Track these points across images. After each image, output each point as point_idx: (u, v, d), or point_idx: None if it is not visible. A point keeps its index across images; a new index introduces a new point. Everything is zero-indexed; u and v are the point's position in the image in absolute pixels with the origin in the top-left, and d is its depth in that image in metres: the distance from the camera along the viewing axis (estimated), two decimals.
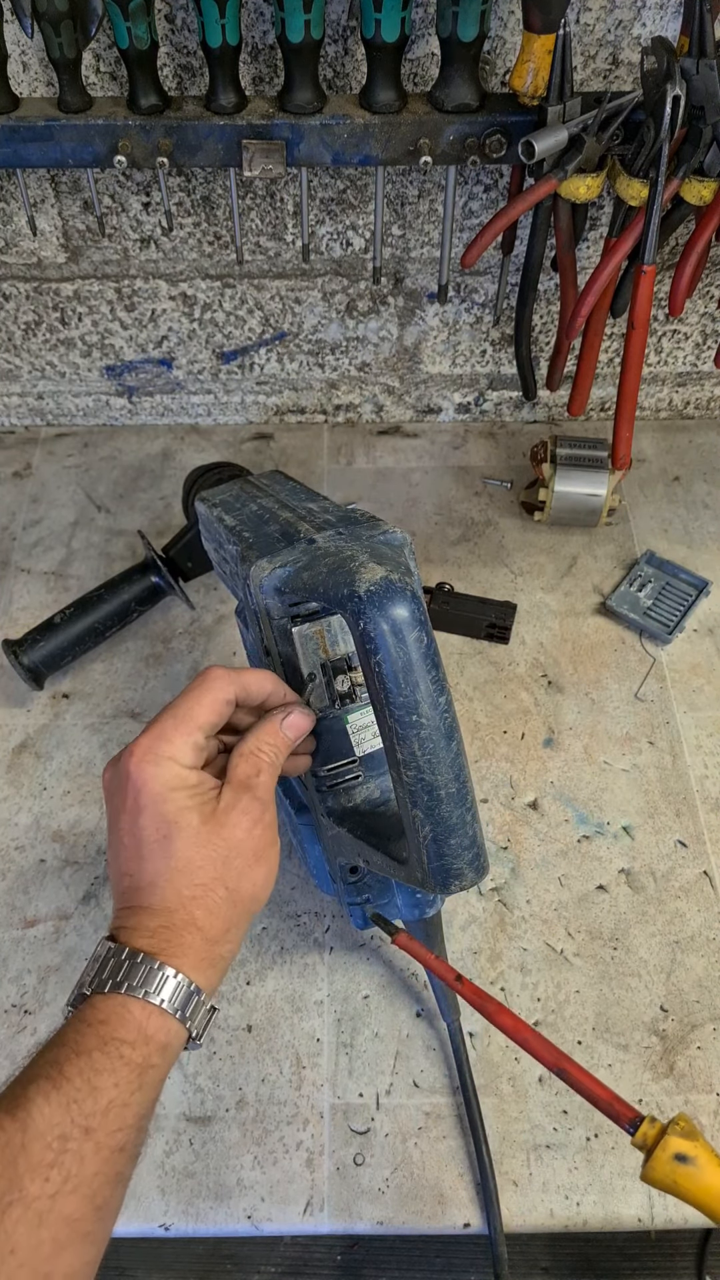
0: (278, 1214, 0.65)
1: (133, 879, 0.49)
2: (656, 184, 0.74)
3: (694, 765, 0.84)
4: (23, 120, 0.78)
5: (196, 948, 0.48)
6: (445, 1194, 0.65)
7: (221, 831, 0.50)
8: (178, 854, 0.49)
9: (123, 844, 0.50)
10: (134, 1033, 0.45)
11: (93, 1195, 0.42)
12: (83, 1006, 0.47)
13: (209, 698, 0.52)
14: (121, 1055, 0.44)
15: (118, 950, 0.47)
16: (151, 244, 0.95)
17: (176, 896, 0.49)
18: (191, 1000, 0.47)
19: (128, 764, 0.50)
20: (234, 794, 0.51)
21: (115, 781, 0.51)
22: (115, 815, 0.51)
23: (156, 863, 0.49)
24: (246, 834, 0.50)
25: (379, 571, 0.49)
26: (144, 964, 0.46)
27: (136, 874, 0.49)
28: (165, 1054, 0.47)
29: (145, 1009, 0.46)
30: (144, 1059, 0.45)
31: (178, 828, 0.49)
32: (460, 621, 0.93)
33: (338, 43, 0.80)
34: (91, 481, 1.07)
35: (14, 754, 0.86)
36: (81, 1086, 0.43)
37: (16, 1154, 0.40)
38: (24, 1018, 0.73)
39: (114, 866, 0.51)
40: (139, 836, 0.49)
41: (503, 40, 0.80)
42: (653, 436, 1.10)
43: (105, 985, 0.46)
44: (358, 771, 0.61)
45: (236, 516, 0.64)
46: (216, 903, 0.49)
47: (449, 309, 1.00)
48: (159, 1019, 0.46)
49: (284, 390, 1.09)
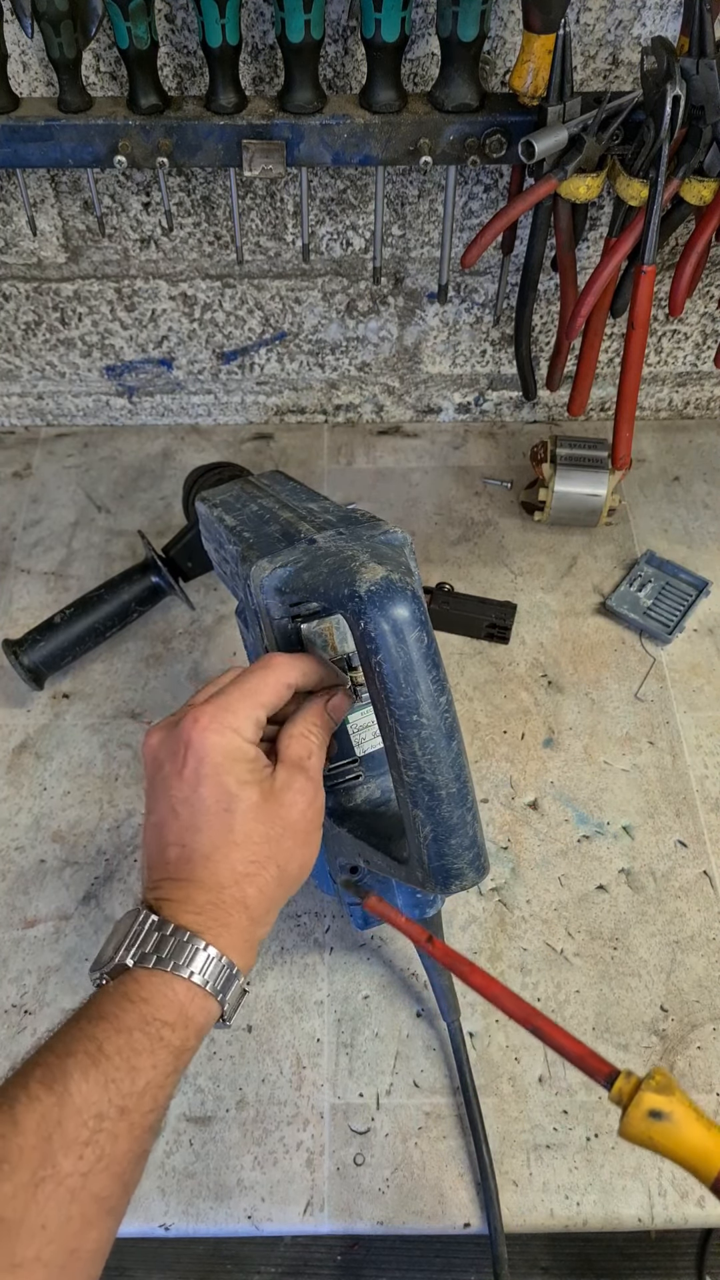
0: (278, 1214, 0.65)
1: (185, 849, 0.48)
2: (656, 184, 0.74)
3: (694, 765, 0.84)
4: (23, 120, 0.78)
5: (241, 927, 0.48)
6: (445, 1194, 0.65)
7: (279, 810, 0.49)
8: (237, 828, 0.48)
9: (176, 812, 0.49)
10: (175, 1014, 0.45)
11: (121, 1173, 0.42)
12: (124, 978, 0.46)
13: (274, 678, 0.51)
14: (162, 1037, 0.44)
15: (162, 924, 0.46)
16: (151, 244, 0.95)
17: (231, 872, 0.48)
18: (232, 982, 0.47)
19: (190, 731, 0.49)
20: (288, 773, 0.50)
21: (169, 747, 0.50)
22: (167, 781, 0.49)
23: (214, 835, 0.48)
24: (300, 814, 0.50)
25: (380, 571, 0.49)
26: (190, 942, 0.46)
27: (191, 844, 0.48)
28: (199, 1036, 0.46)
29: (190, 990, 0.45)
30: (182, 1042, 0.45)
31: (239, 801, 0.48)
32: (460, 621, 0.93)
33: (338, 43, 0.80)
34: (91, 481, 1.07)
35: (14, 754, 0.86)
36: (121, 1066, 0.42)
37: (52, 1130, 0.40)
38: (24, 1018, 0.72)
39: (157, 835, 0.50)
40: (196, 807, 0.48)
41: (503, 40, 0.80)
42: (653, 436, 1.10)
43: (150, 960, 0.45)
44: (358, 771, 0.61)
45: (237, 516, 0.64)
46: (267, 882, 0.49)
47: (449, 309, 1.00)
48: (201, 1000, 0.46)
49: (284, 390, 1.09)
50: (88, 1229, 0.40)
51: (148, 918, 0.47)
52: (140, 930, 0.46)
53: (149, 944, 0.46)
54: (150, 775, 0.51)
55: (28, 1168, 0.39)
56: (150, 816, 0.51)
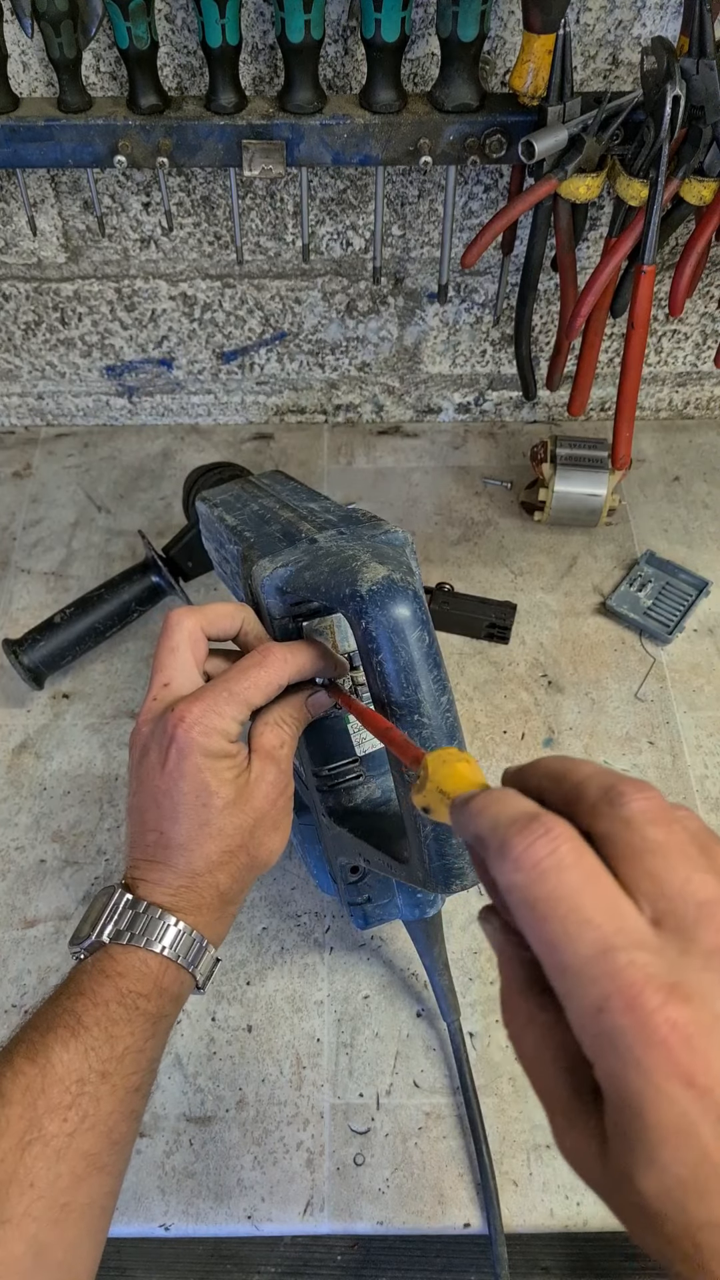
0: (278, 1214, 0.65)
1: (163, 836, 0.51)
2: (656, 184, 0.74)
3: (694, 765, 0.84)
4: (23, 120, 0.78)
5: (213, 907, 0.51)
6: (445, 1194, 0.65)
7: (252, 801, 0.52)
8: (213, 821, 0.50)
9: (156, 802, 0.51)
10: (150, 985, 0.48)
11: (109, 1131, 0.45)
12: (99, 955, 0.49)
13: (266, 679, 0.52)
14: (138, 1007, 0.47)
15: (136, 903, 0.50)
16: (151, 244, 0.95)
17: (205, 861, 0.51)
18: (202, 954, 0.51)
19: (176, 729, 0.50)
20: (262, 764, 0.52)
21: (156, 738, 0.52)
22: (151, 770, 0.51)
23: (191, 826, 0.50)
24: (271, 804, 0.52)
25: (381, 571, 0.49)
26: (161, 919, 0.49)
27: (168, 833, 0.51)
28: (177, 1003, 0.50)
29: (162, 963, 0.49)
30: (158, 1009, 0.48)
31: (216, 797, 0.50)
32: (460, 621, 0.93)
33: (338, 43, 0.80)
34: (91, 481, 1.07)
35: (14, 754, 0.86)
36: (99, 1035, 0.46)
37: (36, 1097, 0.43)
38: (24, 1018, 0.72)
39: (138, 818, 0.52)
40: (176, 800, 0.50)
41: (503, 40, 0.80)
42: (653, 436, 1.10)
43: (124, 937, 0.49)
44: (358, 771, 0.61)
45: (237, 516, 0.64)
46: (239, 868, 0.52)
47: (449, 309, 1.00)
48: (174, 972, 0.49)
49: (284, 390, 1.09)
50: (78, 1184, 0.43)
51: (123, 896, 0.50)
52: (117, 907, 0.50)
53: (124, 921, 0.49)
54: (136, 760, 0.53)
55: (14, 1134, 0.42)
56: (133, 799, 0.53)
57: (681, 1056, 0.25)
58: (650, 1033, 0.26)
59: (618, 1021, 0.26)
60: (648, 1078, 0.26)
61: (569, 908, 0.27)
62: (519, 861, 0.29)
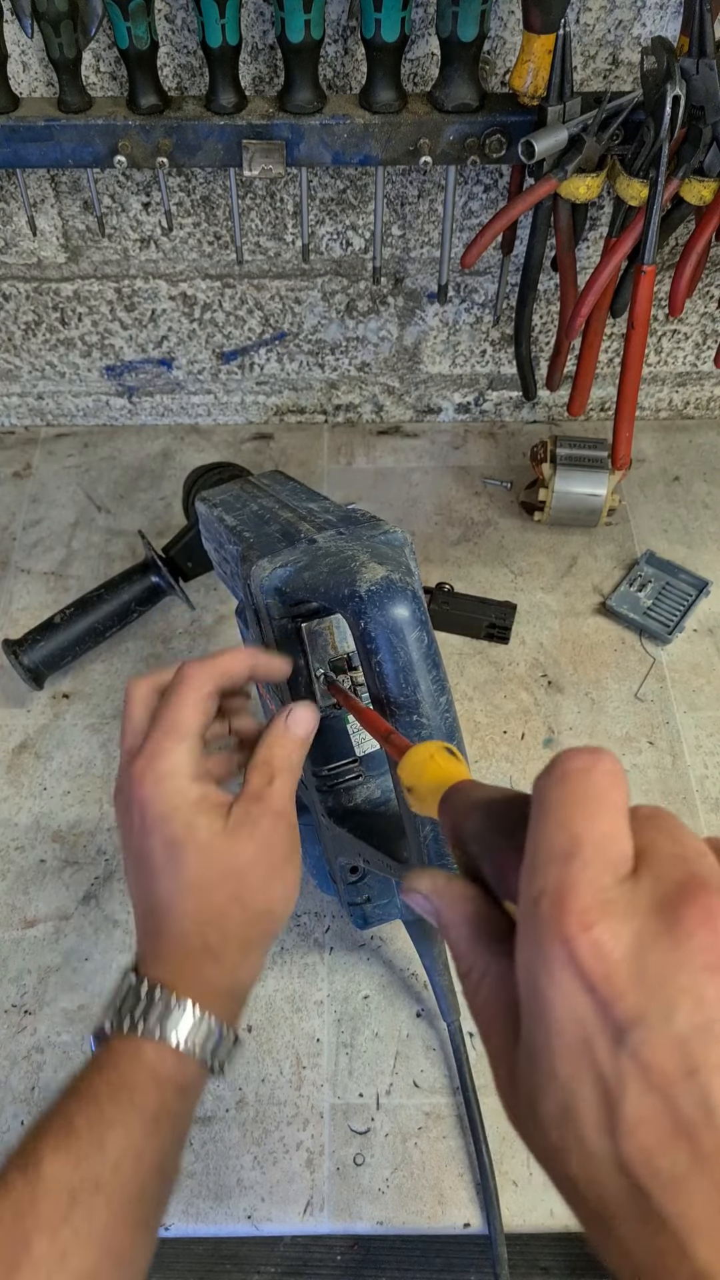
0: (278, 1214, 0.65)
1: (148, 902, 0.48)
2: (656, 184, 0.74)
3: (694, 765, 0.84)
4: (23, 120, 0.78)
5: (211, 975, 0.46)
6: (445, 1194, 0.65)
7: (234, 846, 0.47)
8: (187, 872, 0.46)
9: (136, 866, 0.48)
10: (146, 1077, 0.43)
11: (108, 1246, 0.40)
12: (100, 1047, 0.45)
13: (191, 698, 0.49)
14: (133, 1103, 0.42)
15: (136, 983, 0.45)
16: (151, 244, 0.95)
17: (189, 919, 0.46)
18: (210, 1035, 0.45)
19: (130, 788, 0.48)
20: (244, 806, 0.48)
21: (122, 805, 0.49)
22: (126, 840, 0.49)
23: (167, 883, 0.46)
24: (260, 848, 0.47)
25: (380, 571, 0.49)
26: (160, 999, 0.44)
27: (151, 897, 0.47)
28: (184, 1095, 0.44)
29: (159, 1051, 0.44)
30: (158, 1105, 0.43)
31: (185, 847, 0.46)
32: (460, 621, 0.93)
33: (338, 43, 0.80)
34: (91, 481, 1.07)
35: (14, 754, 0.86)
36: (91, 1141, 0.41)
37: (25, 1212, 0.39)
38: (24, 1018, 0.72)
39: (132, 891, 0.49)
40: (150, 858, 0.47)
41: (503, 40, 0.80)
42: (653, 436, 1.10)
43: (123, 1024, 0.44)
44: (358, 771, 0.61)
45: (237, 516, 0.64)
46: (232, 923, 0.47)
47: (449, 309, 1.00)
48: (174, 1061, 0.44)
49: (284, 390, 1.09)
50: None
51: (128, 976, 0.46)
52: (123, 990, 0.46)
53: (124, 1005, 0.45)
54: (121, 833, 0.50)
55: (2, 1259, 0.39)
56: (126, 878, 0.51)
57: (589, 961, 0.25)
58: (565, 928, 0.26)
59: (545, 911, 0.26)
60: (552, 973, 0.26)
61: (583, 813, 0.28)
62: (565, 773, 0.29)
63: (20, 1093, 0.70)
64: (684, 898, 0.26)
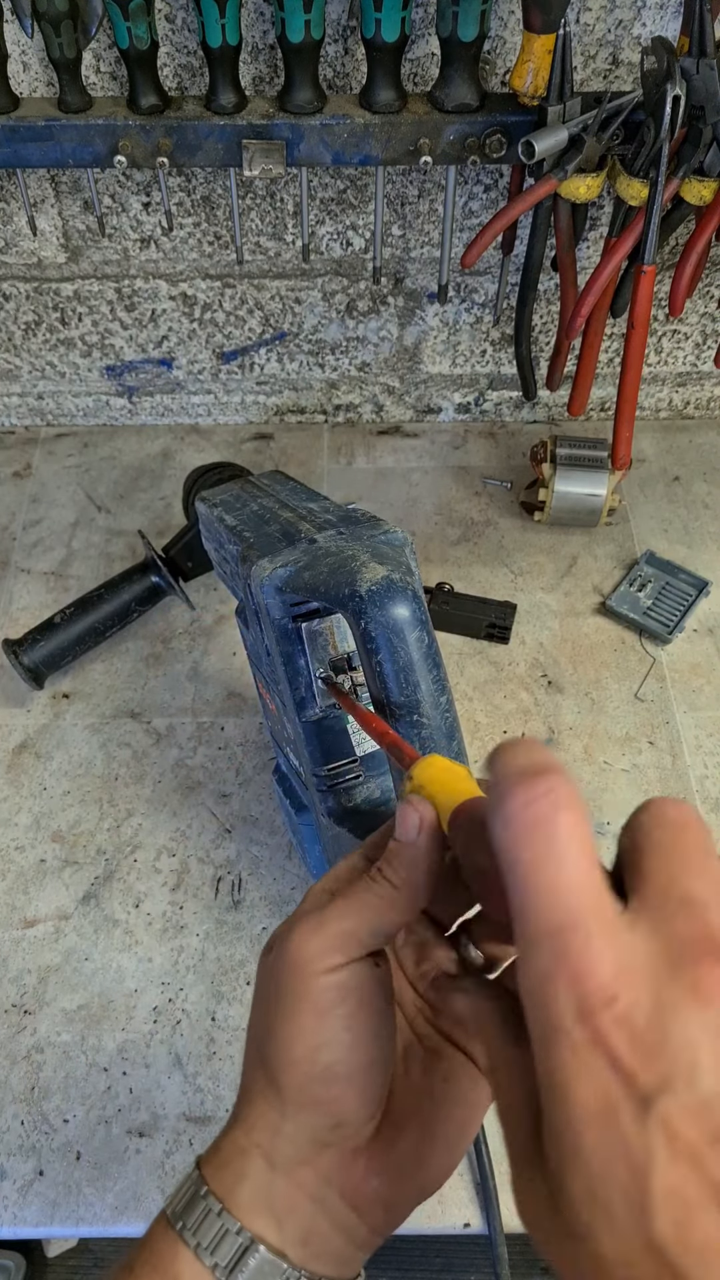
0: None
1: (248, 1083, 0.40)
2: (656, 184, 0.74)
3: (694, 765, 0.84)
4: (23, 120, 0.78)
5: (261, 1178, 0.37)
6: (445, 1194, 0.65)
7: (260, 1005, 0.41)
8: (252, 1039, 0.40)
9: None
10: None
11: None
12: (146, 1238, 0.37)
13: None
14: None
15: (192, 1171, 0.38)
16: (151, 244, 0.95)
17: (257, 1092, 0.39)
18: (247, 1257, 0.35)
19: None
20: None
21: None
22: None
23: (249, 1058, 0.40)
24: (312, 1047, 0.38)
25: (380, 571, 0.49)
26: (204, 1200, 0.36)
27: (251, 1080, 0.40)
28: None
29: (193, 1266, 0.35)
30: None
31: None
32: (460, 621, 0.93)
33: (338, 43, 0.80)
34: (91, 481, 1.07)
35: (14, 754, 0.86)
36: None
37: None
38: (24, 1018, 0.72)
39: None
40: None
41: (503, 40, 0.80)
42: (653, 436, 1.10)
43: (177, 1223, 0.36)
44: (358, 771, 0.61)
45: (237, 516, 0.64)
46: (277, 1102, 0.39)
47: (449, 309, 1.00)
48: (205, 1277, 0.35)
49: (284, 390, 1.09)
50: None
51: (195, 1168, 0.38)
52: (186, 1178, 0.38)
53: (182, 1198, 0.37)
54: None
55: None
56: None
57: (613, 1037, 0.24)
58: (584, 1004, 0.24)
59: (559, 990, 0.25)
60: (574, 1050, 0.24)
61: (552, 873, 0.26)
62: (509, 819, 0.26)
63: (20, 1093, 0.70)
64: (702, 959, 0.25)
